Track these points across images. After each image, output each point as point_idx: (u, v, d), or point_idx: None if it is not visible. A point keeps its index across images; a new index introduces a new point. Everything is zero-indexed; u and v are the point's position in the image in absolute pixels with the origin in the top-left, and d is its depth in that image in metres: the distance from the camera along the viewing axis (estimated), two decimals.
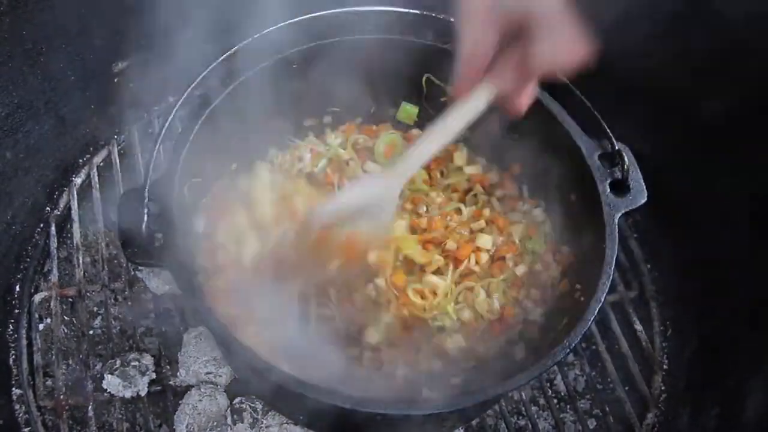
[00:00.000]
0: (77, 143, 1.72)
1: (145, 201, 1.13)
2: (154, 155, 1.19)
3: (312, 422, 1.33)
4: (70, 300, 1.59)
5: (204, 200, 1.38)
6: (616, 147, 1.30)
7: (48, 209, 1.67)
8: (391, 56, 1.43)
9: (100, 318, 1.59)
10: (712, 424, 1.45)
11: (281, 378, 1.06)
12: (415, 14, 1.44)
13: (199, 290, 1.14)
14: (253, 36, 1.32)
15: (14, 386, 1.47)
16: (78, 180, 1.71)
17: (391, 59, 1.44)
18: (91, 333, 1.56)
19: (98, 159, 1.74)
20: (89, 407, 1.43)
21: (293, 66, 1.38)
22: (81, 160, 1.74)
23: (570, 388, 1.56)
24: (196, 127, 1.26)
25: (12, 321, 1.54)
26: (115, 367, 1.42)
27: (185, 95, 1.25)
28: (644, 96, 1.61)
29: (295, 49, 1.37)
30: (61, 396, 1.44)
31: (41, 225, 1.65)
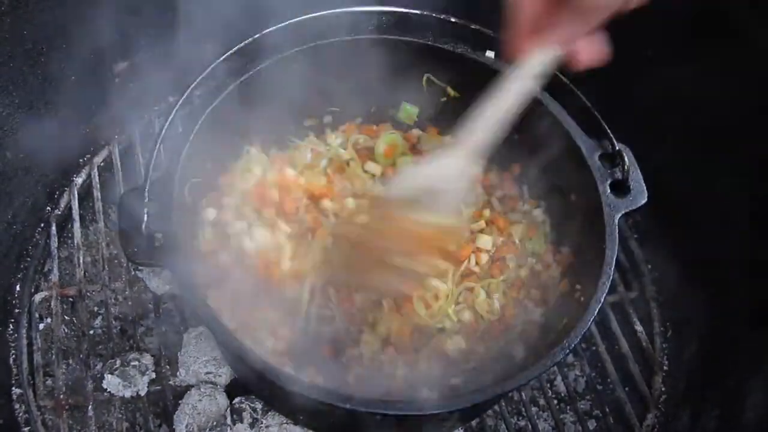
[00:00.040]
0: (77, 143, 1.72)
1: (145, 201, 1.13)
2: (154, 155, 1.19)
3: (312, 422, 1.33)
4: (71, 300, 1.59)
5: (210, 195, 1.38)
6: (617, 147, 1.30)
7: (48, 209, 1.67)
8: (391, 56, 1.43)
9: (101, 318, 1.59)
10: (712, 425, 1.45)
11: (281, 378, 1.06)
12: (416, 14, 1.44)
13: (199, 290, 1.14)
14: (253, 36, 1.32)
15: (14, 386, 1.47)
16: (78, 180, 1.71)
17: (391, 59, 1.44)
18: (92, 333, 1.56)
19: (99, 159, 1.74)
20: (89, 407, 1.43)
21: (293, 66, 1.38)
22: (81, 160, 1.74)
23: (570, 389, 1.56)
24: (196, 127, 1.26)
25: (12, 321, 1.54)
26: (115, 367, 1.42)
27: (185, 95, 1.26)
28: (644, 96, 1.61)
29: (295, 49, 1.37)
30: (61, 395, 1.44)
31: (42, 225, 1.65)
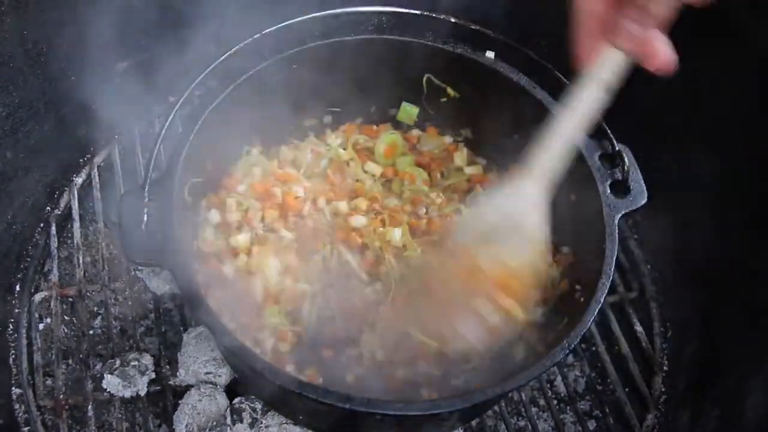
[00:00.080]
0: (77, 143, 1.72)
1: (145, 201, 1.13)
2: (154, 155, 1.19)
3: (312, 422, 1.33)
4: (71, 300, 1.59)
5: (210, 195, 1.38)
6: (617, 147, 1.30)
7: (48, 209, 1.67)
8: (391, 56, 1.43)
9: (100, 318, 1.59)
10: (712, 425, 1.45)
11: (281, 378, 1.06)
12: (416, 14, 1.44)
13: (199, 290, 1.14)
14: (253, 36, 1.32)
15: (14, 386, 1.47)
16: (78, 180, 1.71)
17: (391, 59, 1.44)
18: (91, 333, 1.56)
19: (99, 159, 1.74)
20: (89, 407, 1.43)
21: (293, 66, 1.38)
22: (81, 160, 1.74)
23: (570, 389, 1.56)
24: (196, 127, 1.26)
25: (12, 321, 1.54)
26: (115, 367, 1.42)
27: (185, 95, 1.26)
28: (644, 96, 1.60)
29: (295, 49, 1.37)
30: (61, 396, 1.44)
31: (42, 225, 1.65)
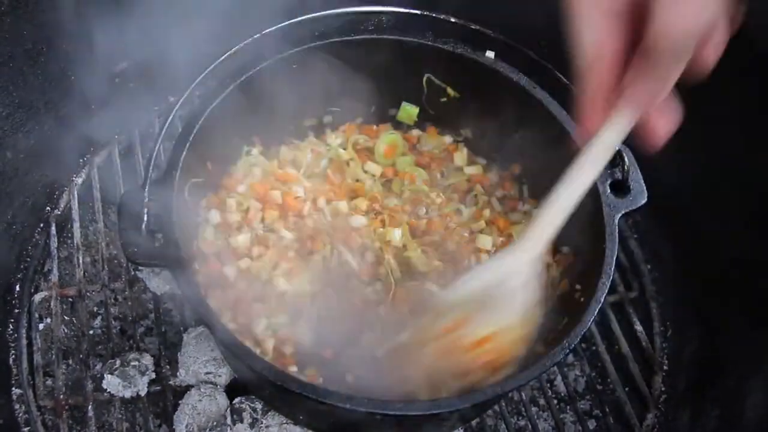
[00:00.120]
0: (77, 143, 1.71)
1: (145, 201, 1.13)
2: (154, 155, 1.19)
3: (312, 422, 1.33)
4: (70, 300, 1.59)
5: (210, 195, 1.38)
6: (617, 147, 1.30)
7: (48, 209, 1.67)
8: (391, 56, 1.43)
9: (100, 318, 1.59)
10: (712, 425, 1.45)
11: (281, 378, 1.06)
12: (415, 14, 1.44)
13: (199, 290, 1.14)
14: (253, 36, 1.32)
15: (14, 386, 1.47)
16: (78, 180, 1.71)
17: (391, 59, 1.43)
18: (91, 333, 1.56)
19: (98, 159, 1.74)
20: (89, 407, 1.43)
21: (293, 66, 1.38)
22: (81, 160, 1.74)
23: (570, 389, 1.56)
24: (196, 127, 1.26)
25: (12, 321, 1.54)
26: (115, 367, 1.42)
27: (185, 95, 1.25)
28: None
29: (295, 49, 1.37)
30: (61, 396, 1.44)
31: (41, 225, 1.65)
